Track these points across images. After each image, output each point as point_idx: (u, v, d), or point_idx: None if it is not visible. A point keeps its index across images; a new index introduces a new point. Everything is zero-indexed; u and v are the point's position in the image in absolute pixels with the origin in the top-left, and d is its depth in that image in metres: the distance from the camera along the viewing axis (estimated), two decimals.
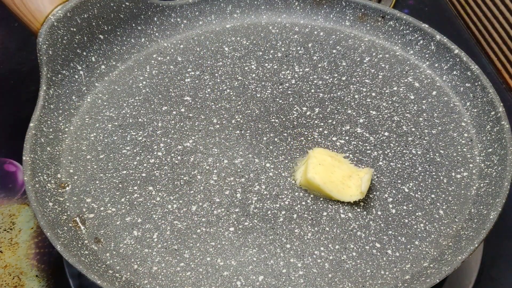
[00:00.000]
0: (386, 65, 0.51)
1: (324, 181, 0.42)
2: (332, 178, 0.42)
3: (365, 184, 0.42)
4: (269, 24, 0.55)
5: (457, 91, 0.49)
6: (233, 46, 0.53)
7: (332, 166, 0.43)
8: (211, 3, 0.55)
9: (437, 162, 0.45)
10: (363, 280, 0.39)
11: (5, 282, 0.47)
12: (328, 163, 0.43)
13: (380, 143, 0.46)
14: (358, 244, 0.41)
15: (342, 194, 0.42)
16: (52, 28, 0.46)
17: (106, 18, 0.50)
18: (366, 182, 0.42)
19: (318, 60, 0.52)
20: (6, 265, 0.48)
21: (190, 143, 0.46)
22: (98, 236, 0.41)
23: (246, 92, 0.50)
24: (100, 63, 0.51)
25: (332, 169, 0.43)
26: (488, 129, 0.45)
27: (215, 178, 0.44)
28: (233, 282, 0.39)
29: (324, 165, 0.43)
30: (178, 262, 0.40)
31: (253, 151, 0.46)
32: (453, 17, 0.70)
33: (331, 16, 0.55)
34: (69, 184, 0.44)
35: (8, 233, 0.50)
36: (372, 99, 0.49)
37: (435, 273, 0.38)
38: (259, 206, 0.43)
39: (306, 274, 0.39)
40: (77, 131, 0.47)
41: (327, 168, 0.42)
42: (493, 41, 0.64)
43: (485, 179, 0.43)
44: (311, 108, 0.49)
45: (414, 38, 0.52)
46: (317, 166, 0.42)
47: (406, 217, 0.42)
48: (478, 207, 0.42)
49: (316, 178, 0.42)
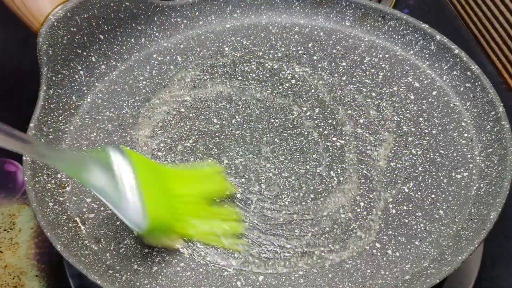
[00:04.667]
0: (386, 65, 0.51)
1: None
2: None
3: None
4: (269, 24, 0.55)
5: (457, 91, 0.49)
6: (233, 46, 0.53)
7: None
8: (211, 3, 0.55)
9: (437, 162, 0.45)
10: (363, 280, 0.39)
11: (5, 282, 0.47)
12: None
13: (380, 143, 0.46)
14: (358, 244, 0.41)
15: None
16: (52, 28, 0.46)
17: (106, 18, 0.50)
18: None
19: (318, 60, 0.52)
20: (6, 265, 0.48)
21: (190, 143, 0.46)
22: (98, 236, 0.41)
23: (246, 92, 0.50)
24: (100, 63, 0.51)
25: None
26: (488, 129, 0.45)
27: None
28: (233, 282, 0.39)
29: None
30: (178, 262, 0.40)
31: (253, 151, 0.46)
32: (453, 17, 0.70)
33: (331, 16, 0.55)
34: (69, 184, 0.44)
35: (8, 233, 0.50)
36: (372, 99, 0.49)
37: (435, 273, 0.38)
38: (259, 206, 0.43)
39: (306, 274, 0.39)
40: (77, 131, 0.47)
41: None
42: (493, 41, 0.64)
43: (485, 179, 0.43)
44: (311, 108, 0.49)
45: (414, 38, 0.52)
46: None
47: (406, 217, 0.42)
48: (478, 207, 0.42)
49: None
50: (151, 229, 0.36)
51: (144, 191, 0.35)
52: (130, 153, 0.36)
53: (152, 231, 0.37)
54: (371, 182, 0.44)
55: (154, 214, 0.36)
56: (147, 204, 0.35)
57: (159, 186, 0.39)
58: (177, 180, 0.41)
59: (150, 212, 0.36)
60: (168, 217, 0.38)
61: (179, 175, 0.42)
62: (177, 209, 0.39)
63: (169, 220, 0.38)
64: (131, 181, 0.35)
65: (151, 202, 0.36)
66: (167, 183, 0.40)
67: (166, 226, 0.38)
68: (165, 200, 0.38)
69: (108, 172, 0.35)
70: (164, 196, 0.39)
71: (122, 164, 0.35)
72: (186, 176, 0.42)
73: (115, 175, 0.35)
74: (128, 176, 0.35)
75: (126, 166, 0.35)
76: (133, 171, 0.35)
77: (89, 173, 0.35)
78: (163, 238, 0.39)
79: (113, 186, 0.35)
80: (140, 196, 0.35)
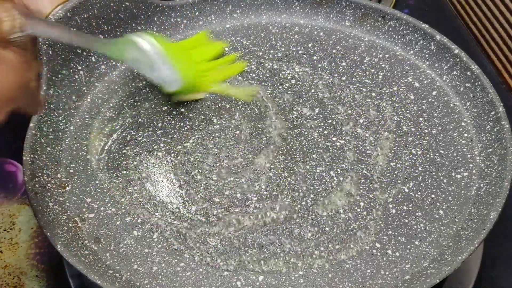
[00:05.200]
0: (386, 65, 0.51)
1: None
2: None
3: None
4: (269, 24, 0.55)
5: (457, 91, 0.49)
6: (233, 46, 0.53)
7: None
8: (211, 3, 0.55)
9: (437, 162, 0.45)
10: (363, 280, 0.39)
11: (5, 282, 0.47)
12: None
13: (380, 143, 0.46)
14: (358, 244, 0.41)
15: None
16: None
17: (106, 18, 0.50)
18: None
19: (318, 60, 0.52)
20: (6, 265, 0.48)
21: (190, 143, 0.46)
22: (98, 236, 0.41)
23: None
24: (100, 63, 0.51)
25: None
26: (488, 129, 0.45)
27: (215, 178, 0.44)
28: (233, 282, 0.39)
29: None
30: (178, 262, 0.40)
31: (253, 151, 0.46)
32: (453, 17, 0.70)
33: (331, 16, 0.55)
34: (69, 184, 0.44)
35: (8, 233, 0.50)
36: (372, 99, 0.49)
37: (435, 273, 0.38)
38: (259, 206, 0.43)
39: (306, 274, 0.39)
40: (77, 131, 0.47)
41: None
42: (493, 41, 0.64)
43: (485, 179, 0.43)
44: (311, 108, 0.49)
45: (414, 38, 0.52)
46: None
47: (406, 217, 0.42)
48: (478, 207, 0.42)
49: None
50: (183, 86, 0.47)
51: (171, 57, 0.45)
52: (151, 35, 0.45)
53: (184, 87, 0.47)
54: (371, 182, 0.44)
55: (183, 72, 0.46)
56: (179, 68, 0.46)
57: (179, 53, 0.48)
58: (186, 48, 0.51)
59: (181, 71, 0.46)
60: (193, 74, 0.48)
61: (185, 44, 0.52)
62: (196, 68, 0.49)
63: (194, 76, 0.48)
64: (160, 53, 0.44)
65: (179, 64, 0.46)
66: (182, 51, 0.50)
67: (194, 82, 0.48)
68: (186, 62, 0.49)
69: (141, 50, 0.44)
70: (184, 59, 0.48)
71: (149, 42, 0.44)
72: (189, 44, 0.52)
73: (146, 53, 0.44)
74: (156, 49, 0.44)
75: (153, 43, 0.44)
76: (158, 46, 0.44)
77: (128, 53, 0.44)
78: (190, 93, 0.49)
79: (147, 60, 0.44)
80: (169, 62, 0.45)
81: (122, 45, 0.44)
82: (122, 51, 0.44)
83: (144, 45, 0.43)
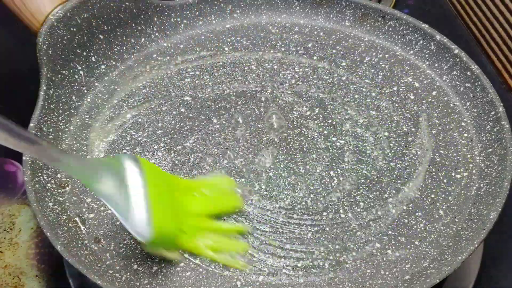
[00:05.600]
0: (386, 65, 0.51)
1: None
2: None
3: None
4: (269, 24, 0.55)
5: (457, 91, 0.49)
6: (233, 46, 0.53)
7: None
8: (211, 3, 0.55)
9: (437, 162, 0.45)
10: (363, 280, 0.39)
11: (5, 282, 0.47)
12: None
13: (380, 143, 0.46)
14: (358, 244, 0.41)
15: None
16: (52, 28, 0.46)
17: (106, 18, 0.50)
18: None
19: (318, 60, 0.52)
20: (6, 265, 0.48)
21: (190, 143, 0.46)
22: (98, 236, 0.41)
23: (246, 92, 0.50)
24: (100, 63, 0.51)
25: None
26: (488, 129, 0.45)
27: None
28: (233, 282, 0.39)
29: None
30: (178, 262, 0.40)
31: (253, 151, 0.46)
32: (453, 17, 0.70)
33: (331, 16, 0.55)
34: (69, 184, 0.44)
35: (8, 233, 0.50)
36: (372, 99, 0.49)
37: (435, 273, 0.38)
38: (259, 206, 0.43)
39: (306, 274, 0.39)
40: (77, 131, 0.47)
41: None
42: (493, 41, 0.64)
43: (485, 179, 0.43)
44: (311, 108, 0.49)
45: (414, 38, 0.52)
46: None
47: (406, 217, 0.42)
48: (478, 207, 0.42)
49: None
50: (154, 241, 0.36)
51: (153, 203, 0.35)
52: (144, 162, 0.36)
53: (155, 243, 0.37)
54: (371, 182, 0.44)
55: (160, 227, 0.36)
56: (154, 217, 0.35)
57: (168, 199, 0.39)
58: (187, 192, 0.41)
59: (156, 225, 0.36)
60: (173, 230, 0.38)
61: (189, 187, 0.42)
62: (183, 223, 0.39)
63: (173, 234, 0.38)
64: (142, 193, 0.35)
65: (158, 215, 0.36)
66: (177, 196, 0.40)
67: (169, 239, 0.38)
68: (173, 213, 0.38)
69: (119, 181, 0.35)
70: (172, 209, 0.38)
71: (135, 173, 0.35)
72: (196, 188, 0.42)
73: (127, 185, 0.35)
74: (139, 187, 0.35)
75: (139, 177, 0.35)
76: (145, 182, 0.35)
77: (99, 181, 0.35)
78: (164, 250, 0.39)
79: (122, 195, 0.35)
80: (148, 208, 0.35)
81: (97, 165, 0.36)
82: (95, 175, 0.35)
83: (132, 174, 0.35)
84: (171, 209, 0.38)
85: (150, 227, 0.35)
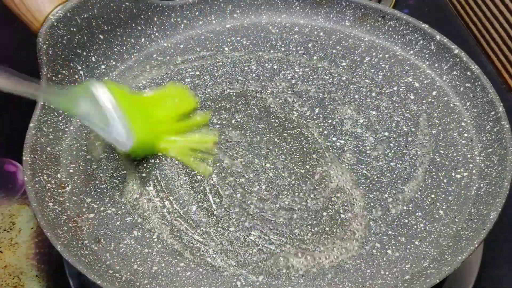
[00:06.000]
0: (386, 65, 0.51)
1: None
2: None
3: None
4: (269, 24, 0.55)
5: (457, 91, 0.49)
6: (233, 46, 0.53)
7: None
8: (211, 3, 0.55)
9: (437, 162, 0.45)
10: (363, 280, 0.39)
11: (5, 282, 0.47)
12: None
13: (380, 143, 0.46)
14: (358, 244, 0.41)
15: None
16: (52, 28, 0.46)
17: (106, 18, 0.50)
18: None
19: (318, 60, 0.52)
20: (6, 265, 0.48)
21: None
22: (98, 236, 0.41)
23: (246, 92, 0.50)
24: (100, 63, 0.51)
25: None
26: (488, 129, 0.45)
27: (215, 178, 0.44)
28: (233, 282, 0.39)
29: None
30: (178, 262, 0.40)
31: (253, 151, 0.46)
32: (453, 17, 0.70)
33: (331, 16, 0.55)
34: (69, 184, 0.44)
35: (8, 233, 0.50)
36: (372, 99, 0.49)
37: (435, 273, 0.38)
38: (259, 206, 0.43)
39: (306, 274, 0.39)
40: (77, 131, 0.47)
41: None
42: (493, 41, 0.64)
43: (485, 179, 0.43)
44: (311, 108, 0.49)
45: (414, 38, 0.52)
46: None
47: (406, 217, 0.42)
48: (478, 207, 0.42)
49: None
50: (136, 147, 0.43)
51: (128, 115, 0.42)
52: (108, 84, 0.42)
53: (137, 148, 0.43)
54: (371, 182, 0.44)
55: (138, 133, 0.42)
56: (132, 126, 0.42)
57: (138, 110, 0.45)
58: (151, 103, 0.47)
59: (135, 131, 0.42)
60: (149, 135, 0.45)
61: (151, 99, 0.48)
62: (155, 128, 0.45)
63: (150, 139, 0.45)
64: (116, 108, 0.41)
65: (135, 124, 0.42)
66: (144, 107, 0.46)
67: (148, 143, 0.45)
68: (145, 121, 0.45)
69: (94, 103, 0.41)
70: (143, 117, 0.45)
71: (105, 94, 0.41)
72: (157, 99, 0.48)
73: (101, 105, 0.41)
74: (112, 104, 0.41)
75: (109, 96, 0.41)
76: (116, 100, 0.41)
77: (78, 106, 0.41)
78: (146, 153, 0.45)
79: (100, 115, 0.41)
80: (124, 118, 0.41)
81: (74, 95, 0.41)
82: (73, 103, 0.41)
83: (102, 96, 0.40)
84: (143, 117, 0.44)
85: (130, 135, 0.42)
